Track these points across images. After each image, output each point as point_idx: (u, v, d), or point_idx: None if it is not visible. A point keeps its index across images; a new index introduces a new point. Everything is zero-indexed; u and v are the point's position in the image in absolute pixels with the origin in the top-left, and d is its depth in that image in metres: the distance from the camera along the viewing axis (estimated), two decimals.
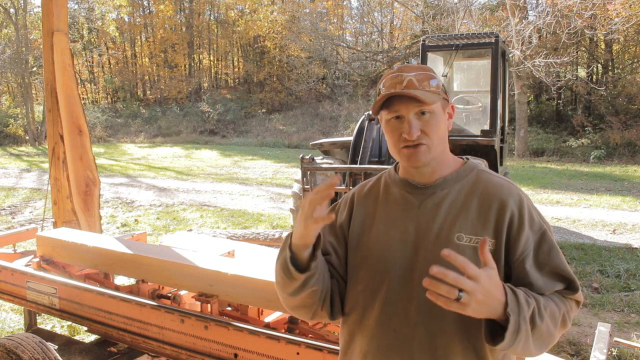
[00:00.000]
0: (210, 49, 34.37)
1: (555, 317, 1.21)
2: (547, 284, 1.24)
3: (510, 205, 1.26)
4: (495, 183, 1.31)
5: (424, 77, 1.27)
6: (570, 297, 1.28)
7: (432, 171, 1.32)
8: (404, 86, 1.25)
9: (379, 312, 1.28)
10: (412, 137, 1.24)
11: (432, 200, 1.30)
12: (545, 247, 1.26)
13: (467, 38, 6.94)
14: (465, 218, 1.27)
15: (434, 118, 1.27)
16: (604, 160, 16.19)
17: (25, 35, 26.09)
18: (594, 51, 21.38)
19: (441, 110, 1.29)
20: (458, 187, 1.31)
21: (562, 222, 8.32)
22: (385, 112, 1.29)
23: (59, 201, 3.91)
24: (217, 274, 2.43)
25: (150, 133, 27.02)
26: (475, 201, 1.28)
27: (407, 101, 1.25)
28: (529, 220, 1.26)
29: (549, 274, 1.25)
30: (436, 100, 1.26)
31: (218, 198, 10.84)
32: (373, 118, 6.10)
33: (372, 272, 1.32)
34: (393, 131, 1.29)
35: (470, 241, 1.25)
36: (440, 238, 1.26)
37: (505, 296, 1.10)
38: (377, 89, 1.34)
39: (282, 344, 1.97)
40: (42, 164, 16.92)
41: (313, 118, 25.65)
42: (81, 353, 2.71)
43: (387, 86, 1.28)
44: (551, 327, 1.20)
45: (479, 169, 1.36)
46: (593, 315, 4.70)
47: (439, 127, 1.28)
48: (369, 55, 24.70)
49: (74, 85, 3.94)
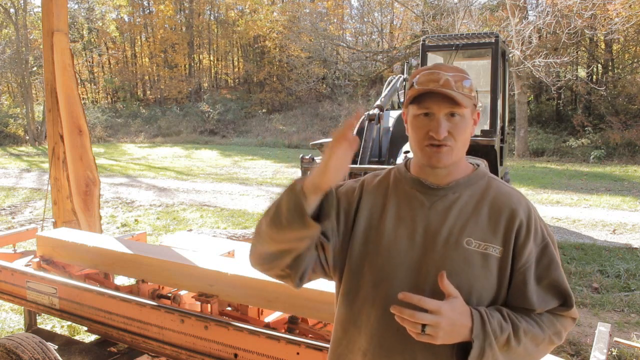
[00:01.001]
0: (210, 49, 34.36)
1: (537, 340, 1.25)
2: (542, 300, 1.27)
3: (520, 215, 1.27)
4: (506, 192, 1.32)
5: (460, 78, 1.26)
6: (565, 314, 1.30)
7: (448, 174, 1.31)
8: (441, 85, 1.23)
9: (382, 310, 1.27)
10: (440, 137, 1.23)
11: (443, 202, 1.30)
12: (545, 260, 1.28)
13: (467, 38, 6.94)
14: (476, 223, 1.27)
15: (463, 121, 1.26)
16: (604, 160, 16.19)
17: (25, 35, 26.09)
18: (594, 51, 21.38)
19: (470, 115, 1.29)
20: (469, 192, 1.31)
21: (562, 222, 8.32)
22: (415, 107, 1.27)
23: (59, 201, 3.91)
24: (217, 274, 2.43)
25: (150, 133, 27.02)
26: (486, 208, 1.29)
27: (441, 100, 1.24)
28: (534, 232, 1.28)
29: (546, 288, 1.27)
30: (469, 104, 1.26)
31: (218, 198, 10.84)
32: (373, 118, 6.09)
33: (377, 268, 1.30)
34: (420, 127, 1.27)
35: (479, 247, 1.25)
36: (450, 241, 1.26)
37: (472, 322, 1.17)
38: (408, 83, 1.32)
39: (282, 344, 1.97)
40: (42, 164, 16.92)
41: (313, 118, 25.65)
42: (81, 353, 2.71)
43: (421, 82, 1.26)
44: (531, 349, 1.25)
45: (490, 176, 1.36)
46: (593, 315, 4.69)
47: (466, 131, 1.28)
48: (369, 55, 24.70)
49: (74, 85, 3.94)
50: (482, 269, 1.24)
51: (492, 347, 1.17)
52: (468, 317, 1.17)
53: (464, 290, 1.22)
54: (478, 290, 1.24)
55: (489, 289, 1.25)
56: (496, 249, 1.25)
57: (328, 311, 2.06)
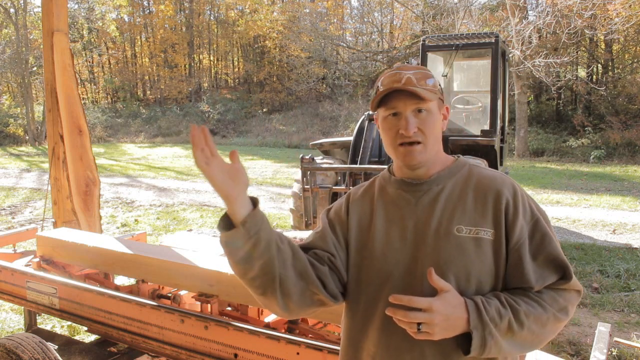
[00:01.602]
0: (210, 49, 34.37)
1: (542, 320, 1.23)
2: (539, 276, 1.25)
3: (505, 195, 1.28)
4: (488, 175, 1.34)
5: (422, 75, 1.29)
6: (566, 287, 1.28)
7: (427, 169, 1.34)
8: (403, 83, 1.26)
9: (384, 313, 1.26)
10: (409, 133, 1.26)
11: (428, 196, 1.32)
12: (538, 236, 1.27)
13: (467, 38, 6.94)
14: (463, 210, 1.28)
15: (430, 116, 1.29)
16: (604, 160, 16.19)
17: (25, 35, 26.08)
18: (594, 51, 21.38)
19: (437, 110, 1.32)
20: (452, 182, 1.33)
21: (562, 222, 8.32)
22: (382, 109, 1.31)
23: (59, 201, 3.91)
24: (217, 274, 2.43)
25: (150, 133, 27.03)
26: (471, 193, 1.30)
27: (405, 98, 1.27)
28: (522, 209, 1.28)
29: (542, 263, 1.26)
30: (433, 98, 1.29)
31: (218, 198, 10.79)
32: (373, 118, 6.09)
33: (375, 272, 1.31)
34: (390, 128, 1.30)
35: (470, 232, 1.26)
36: (440, 231, 1.27)
37: (467, 313, 1.16)
38: (374, 88, 1.35)
39: (282, 344, 1.97)
40: (42, 164, 16.92)
41: (313, 118, 25.65)
42: (81, 353, 2.71)
43: (385, 84, 1.30)
44: (538, 330, 1.23)
45: (471, 164, 1.38)
46: (593, 315, 4.69)
47: (435, 125, 1.30)
48: (369, 55, 24.70)
49: (74, 85, 3.94)
50: (476, 254, 1.24)
51: (493, 335, 1.17)
52: (463, 309, 1.17)
53: (462, 277, 1.23)
54: (476, 276, 1.24)
55: (487, 273, 1.25)
56: (487, 232, 1.26)
57: (328, 311, 2.06)
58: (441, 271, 1.22)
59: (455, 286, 1.21)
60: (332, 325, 2.62)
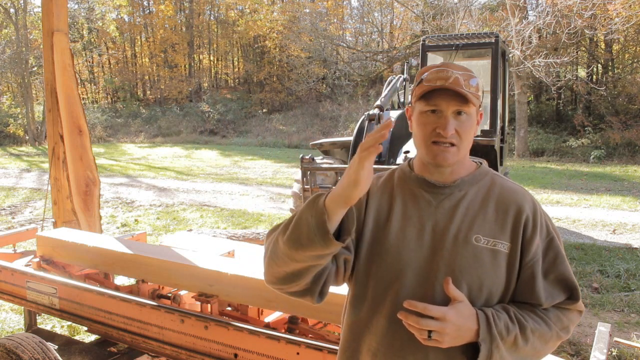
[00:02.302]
0: (210, 49, 34.36)
1: (545, 338, 1.27)
2: (549, 295, 1.27)
3: (526, 211, 1.29)
4: (510, 188, 1.33)
5: (468, 77, 1.25)
6: (572, 308, 1.31)
7: (452, 172, 1.32)
8: (450, 82, 1.22)
9: (391, 310, 1.26)
10: (447, 135, 1.23)
11: (449, 200, 1.30)
12: (551, 255, 1.29)
13: (467, 38, 6.94)
14: (483, 220, 1.28)
15: (469, 120, 1.27)
16: (604, 160, 16.19)
17: (25, 35, 26.08)
18: (594, 51, 21.38)
19: (475, 114, 1.29)
20: (475, 190, 1.32)
21: (562, 222, 8.32)
22: (422, 103, 1.27)
23: (59, 201, 3.91)
24: (217, 274, 2.43)
25: (150, 133, 27.02)
26: (493, 204, 1.30)
27: (450, 98, 1.23)
28: (540, 227, 1.29)
29: (553, 282, 1.28)
30: (476, 103, 1.26)
31: (218, 198, 10.84)
32: (373, 118, 6.09)
33: (386, 269, 1.29)
34: (426, 124, 1.27)
35: (488, 243, 1.26)
36: (459, 238, 1.26)
37: (478, 325, 1.18)
38: (416, 80, 1.32)
39: (282, 344, 1.97)
40: (42, 164, 16.92)
41: (313, 118, 25.64)
42: (81, 353, 2.71)
43: (430, 79, 1.25)
44: (539, 347, 1.27)
45: (493, 173, 1.37)
46: (593, 315, 4.69)
47: (471, 130, 1.28)
48: (369, 55, 24.71)
49: (74, 85, 3.94)
50: (491, 266, 1.25)
51: (499, 349, 1.19)
52: (474, 320, 1.18)
53: (475, 287, 1.23)
54: (488, 287, 1.25)
55: (499, 285, 1.26)
56: (504, 245, 1.26)
57: (328, 311, 2.07)
58: (455, 278, 1.21)
59: (467, 295, 1.22)
60: (332, 325, 2.62)
